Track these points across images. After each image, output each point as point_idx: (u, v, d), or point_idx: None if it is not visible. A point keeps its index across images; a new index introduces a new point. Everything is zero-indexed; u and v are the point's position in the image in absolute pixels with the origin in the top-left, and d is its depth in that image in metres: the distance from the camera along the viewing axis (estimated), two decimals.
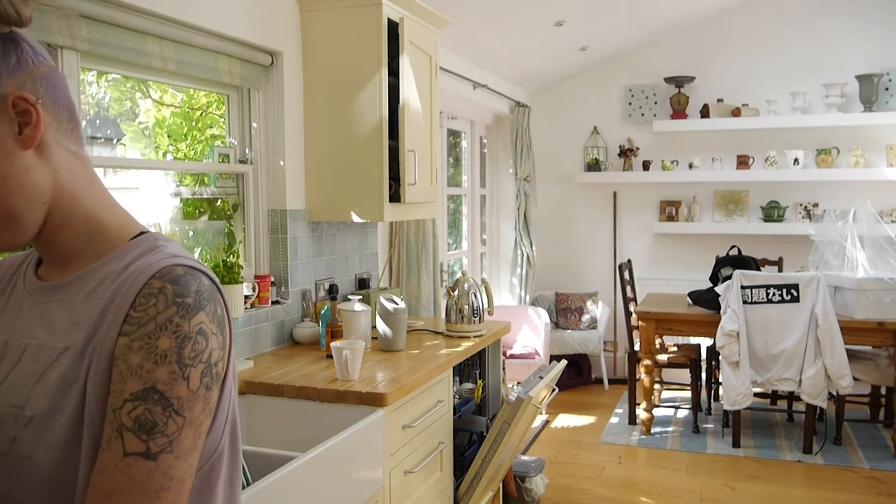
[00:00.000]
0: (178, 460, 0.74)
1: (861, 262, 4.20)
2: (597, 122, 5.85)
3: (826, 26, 5.23)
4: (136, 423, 0.73)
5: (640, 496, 3.68)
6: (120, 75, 2.40)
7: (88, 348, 0.78)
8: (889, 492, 3.68)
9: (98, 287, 0.81)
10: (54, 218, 0.83)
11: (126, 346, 0.75)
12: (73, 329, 0.80)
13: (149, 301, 0.76)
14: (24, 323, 0.85)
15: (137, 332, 0.75)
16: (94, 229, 0.85)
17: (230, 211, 2.87)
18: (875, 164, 5.18)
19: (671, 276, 5.68)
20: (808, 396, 4.05)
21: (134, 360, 0.74)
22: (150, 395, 0.73)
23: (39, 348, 0.81)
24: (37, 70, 0.79)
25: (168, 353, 0.75)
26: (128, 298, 0.77)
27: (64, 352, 0.79)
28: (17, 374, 0.81)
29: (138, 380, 0.74)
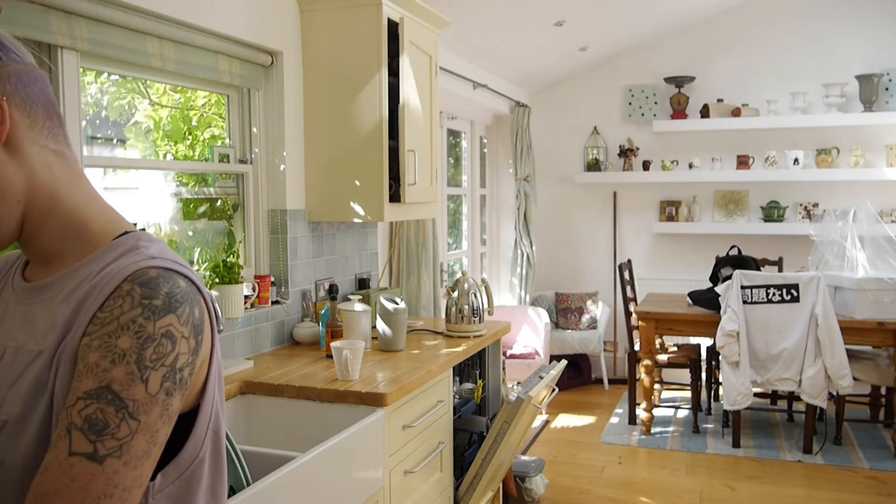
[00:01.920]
0: (125, 467, 0.70)
1: (861, 262, 4.20)
2: (597, 122, 5.85)
3: (826, 26, 5.23)
4: (87, 422, 0.69)
5: (640, 496, 3.68)
6: (120, 75, 2.40)
7: (55, 351, 0.76)
8: (889, 492, 3.68)
9: (76, 288, 0.79)
10: (32, 217, 0.81)
11: (86, 345, 0.73)
12: (50, 332, 0.78)
13: (116, 302, 0.74)
14: (8, 324, 0.83)
15: (99, 331, 0.73)
16: (75, 229, 0.83)
17: (230, 211, 2.87)
18: (875, 164, 5.18)
19: (671, 276, 5.68)
20: (808, 396, 4.05)
21: (91, 359, 0.72)
22: (103, 395, 0.70)
23: (17, 351, 0.80)
24: (5, 68, 0.78)
25: (127, 353, 0.72)
26: (98, 300, 0.75)
27: (38, 355, 0.77)
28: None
29: (93, 378, 0.71)
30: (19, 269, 0.89)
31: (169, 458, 0.78)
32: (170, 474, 0.78)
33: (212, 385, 0.83)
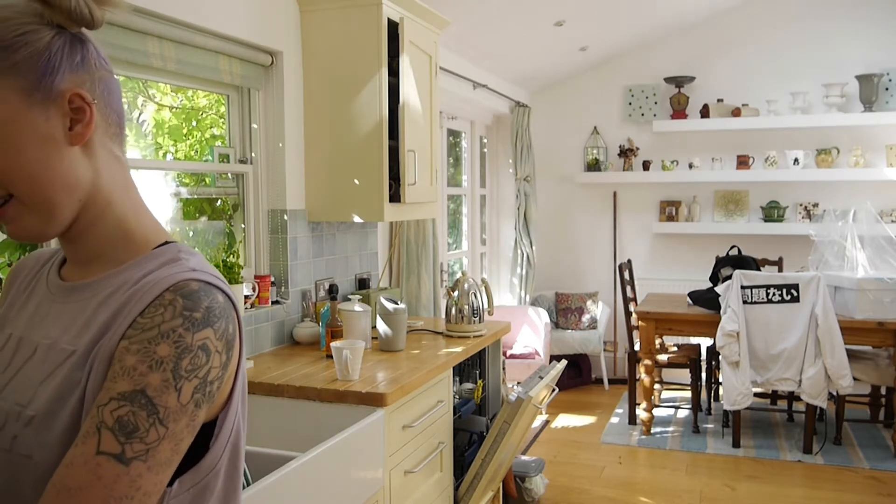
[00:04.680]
0: (149, 471, 0.71)
1: (861, 262, 4.20)
2: (597, 122, 5.85)
3: (826, 26, 5.23)
4: (118, 422, 0.71)
5: (640, 496, 3.68)
6: (120, 75, 2.40)
7: (91, 351, 0.78)
8: (889, 492, 3.68)
9: (115, 293, 0.81)
10: (86, 216, 0.83)
11: (124, 349, 0.75)
12: (84, 333, 0.80)
13: (157, 310, 0.76)
14: (41, 321, 0.85)
15: (139, 336, 0.75)
16: (121, 234, 0.85)
17: (230, 211, 2.87)
18: (875, 164, 5.18)
19: (671, 276, 5.68)
20: (808, 396, 4.05)
21: (129, 361, 0.73)
22: (137, 398, 0.72)
23: (49, 349, 0.81)
24: (97, 72, 0.83)
25: (165, 361, 0.73)
26: (139, 306, 0.77)
27: (71, 355, 0.79)
28: (25, 372, 0.81)
29: (129, 380, 0.72)
30: (55, 267, 0.90)
31: (187, 465, 0.79)
32: (186, 482, 0.79)
33: (236, 400, 0.85)
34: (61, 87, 0.78)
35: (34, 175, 0.77)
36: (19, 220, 0.79)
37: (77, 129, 0.79)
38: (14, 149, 0.75)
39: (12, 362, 0.84)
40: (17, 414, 0.78)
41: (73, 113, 0.79)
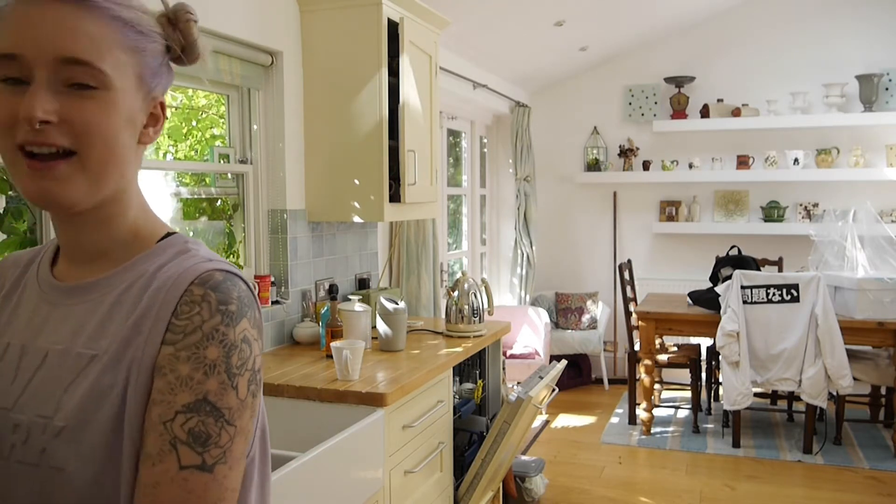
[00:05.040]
0: (231, 470, 0.74)
1: (861, 262, 4.20)
2: (597, 122, 5.85)
3: (826, 26, 5.23)
4: (191, 435, 0.72)
5: (640, 496, 3.68)
6: None
7: (126, 357, 0.76)
8: (889, 492, 3.68)
9: (128, 290, 0.80)
10: (110, 209, 0.82)
11: (172, 356, 0.74)
12: (103, 335, 0.78)
13: (192, 309, 0.75)
14: (42, 326, 0.82)
15: (183, 341, 0.74)
16: (131, 231, 0.84)
17: (230, 211, 2.87)
18: (875, 164, 5.18)
19: (671, 276, 5.68)
20: (808, 396, 4.05)
21: (183, 371, 0.73)
22: (202, 407, 0.73)
23: (64, 354, 0.79)
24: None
25: (217, 363, 0.74)
26: (168, 305, 0.76)
27: (93, 359, 0.77)
28: (40, 381, 0.78)
29: (189, 391, 0.73)
30: (45, 268, 0.87)
31: None
32: None
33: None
34: (156, 91, 0.83)
35: (109, 143, 0.77)
36: (69, 180, 0.75)
37: (150, 131, 0.83)
38: (111, 113, 0.76)
39: (20, 372, 0.81)
40: (41, 426, 0.75)
41: (153, 118, 0.83)
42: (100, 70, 0.74)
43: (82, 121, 0.74)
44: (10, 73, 0.74)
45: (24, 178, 0.75)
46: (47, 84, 0.73)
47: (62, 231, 0.84)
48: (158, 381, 0.74)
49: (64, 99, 0.73)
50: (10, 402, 0.79)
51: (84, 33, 0.74)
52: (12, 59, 0.73)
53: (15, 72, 0.73)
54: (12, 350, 0.83)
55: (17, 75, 0.73)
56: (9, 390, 0.80)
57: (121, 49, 0.77)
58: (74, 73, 0.73)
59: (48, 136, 0.73)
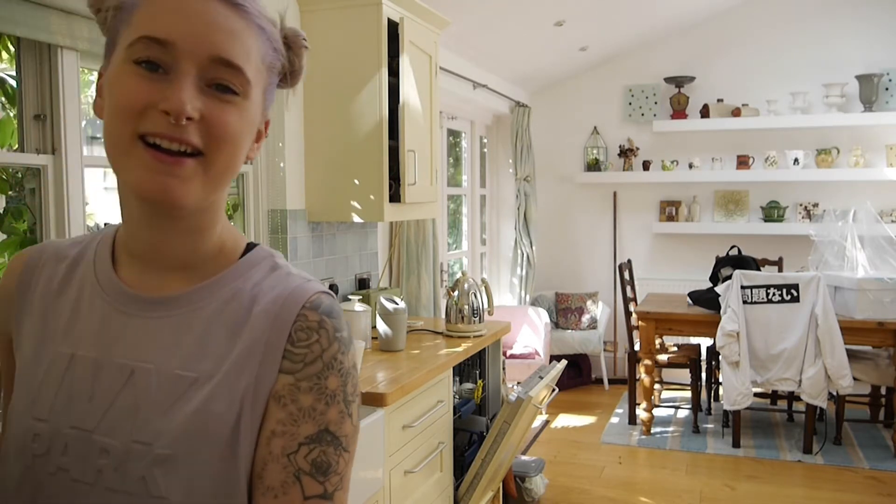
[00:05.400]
0: (345, 492, 0.75)
1: (861, 262, 4.20)
2: (597, 122, 5.85)
3: (826, 26, 5.23)
4: (313, 465, 0.72)
5: (640, 496, 3.68)
6: None
7: (239, 385, 0.72)
8: (889, 492, 3.68)
9: (225, 309, 0.76)
10: (201, 218, 0.77)
11: (293, 386, 0.73)
12: (204, 357, 0.74)
13: (310, 336, 0.74)
14: (116, 339, 0.76)
15: (303, 370, 0.73)
16: (216, 247, 0.80)
17: (230, 211, 2.87)
18: (875, 164, 5.17)
19: (671, 276, 5.68)
20: (808, 396, 4.05)
21: (305, 402, 0.72)
22: (324, 437, 0.73)
23: (155, 374, 0.73)
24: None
25: (336, 393, 0.74)
26: (281, 331, 0.74)
27: (195, 383, 0.73)
28: (129, 402, 0.73)
29: (312, 422, 0.72)
30: (106, 271, 0.80)
31: None
32: None
33: None
34: (268, 110, 0.81)
35: (235, 151, 0.74)
36: (190, 180, 0.71)
37: (255, 147, 0.80)
38: (244, 122, 0.74)
39: (98, 390, 0.74)
40: (139, 452, 0.71)
41: (258, 135, 0.80)
42: (246, 78, 0.72)
43: (220, 125, 0.71)
44: (154, 57, 0.69)
45: (140, 169, 0.69)
46: (193, 78, 0.69)
47: (148, 234, 0.77)
48: (278, 412, 0.72)
49: (206, 99, 0.70)
50: (92, 422, 0.73)
51: (238, 38, 0.72)
52: (162, 44, 0.69)
53: (159, 57, 0.69)
54: (81, 363, 0.76)
55: (159, 61, 0.69)
56: (87, 409, 0.74)
57: (260, 60, 0.75)
58: (222, 75, 0.71)
59: (185, 133, 0.69)
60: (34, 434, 0.74)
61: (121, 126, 0.69)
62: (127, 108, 0.69)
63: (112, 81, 0.71)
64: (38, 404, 0.75)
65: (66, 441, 0.73)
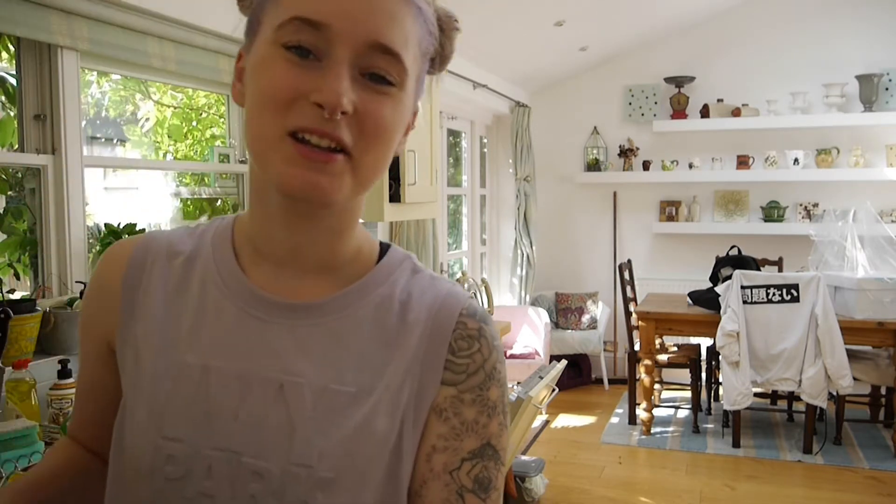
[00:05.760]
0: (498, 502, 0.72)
1: (861, 262, 4.19)
2: (597, 122, 5.85)
3: (826, 26, 5.23)
4: (476, 482, 0.68)
5: (640, 496, 3.68)
6: (120, 75, 2.40)
7: (402, 399, 0.67)
8: (889, 492, 3.68)
9: (376, 317, 0.70)
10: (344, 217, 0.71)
11: (455, 399, 0.68)
12: (361, 369, 0.67)
13: (472, 346, 0.70)
14: (255, 349, 0.68)
15: (466, 382, 0.69)
16: (354, 249, 0.73)
17: (230, 211, 2.87)
18: (875, 164, 5.17)
19: (671, 276, 5.68)
20: (808, 396, 4.05)
21: (468, 415, 0.68)
22: (486, 452, 0.69)
23: (308, 389, 0.66)
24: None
25: (497, 404, 0.70)
26: (440, 340, 0.69)
27: (354, 398, 0.66)
28: (282, 421, 0.65)
29: (475, 437, 0.68)
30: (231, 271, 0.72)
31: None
32: None
33: None
34: (419, 99, 0.74)
35: (387, 148, 0.67)
36: (340, 178, 0.64)
37: (404, 139, 0.74)
38: (398, 115, 0.67)
39: (242, 407, 0.66)
40: (299, 476, 0.64)
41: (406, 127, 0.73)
42: (404, 66, 0.65)
43: (375, 120, 0.64)
44: (306, 42, 0.62)
45: (287, 165, 0.62)
46: (348, 66, 0.62)
47: (287, 234, 0.70)
48: (439, 426, 0.68)
49: (360, 90, 0.63)
50: (240, 443, 0.65)
51: (398, 21, 0.64)
52: (316, 27, 0.61)
53: (312, 41, 0.62)
54: (218, 376, 0.67)
55: (312, 46, 0.62)
56: (232, 429, 0.65)
57: (417, 46, 0.67)
58: (379, 63, 0.63)
59: (337, 129, 0.62)
60: (167, 455, 0.65)
61: (267, 118, 0.63)
62: (275, 98, 0.62)
63: (257, 66, 0.65)
64: (168, 422, 0.66)
65: (209, 463, 0.64)
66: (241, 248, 0.73)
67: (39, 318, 1.87)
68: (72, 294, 2.08)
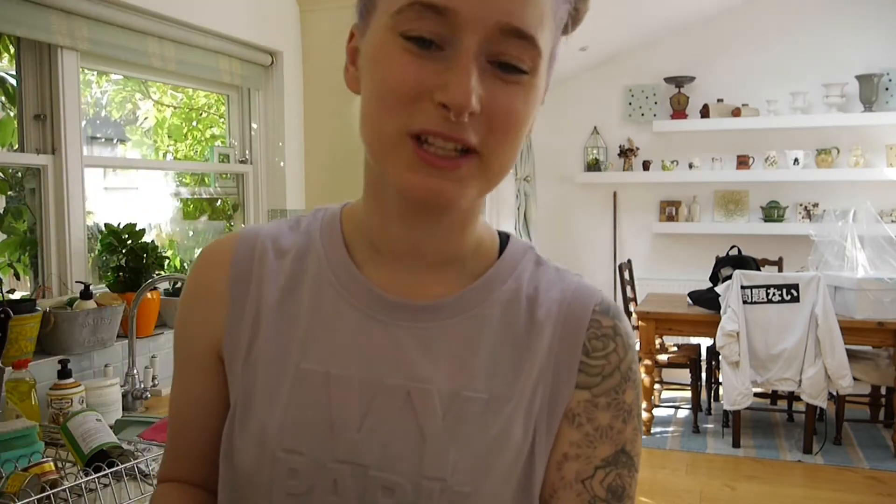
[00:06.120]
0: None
1: (861, 262, 4.19)
2: (597, 122, 5.85)
3: (826, 26, 5.23)
4: (609, 491, 0.64)
5: (640, 496, 3.68)
6: (120, 75, 2.41)
7: (534, 404, 0.63)
8: (889, 492, 3.68)
9: (504, 315, 0.65)
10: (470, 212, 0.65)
11: (589, 403, 0.64)
12: (490, 373, 0.62)
13: (607, 346, 0.65)
14: (377, 353, 0.63)
15: (601, 384, 0.64)
16: (476, 241, 0.68)
17: (230, 211, 2.87)
18: (875, 164, 5.17)
19: (671, 276, 5.68)
20: (808, 396, 4.05)
21: (602, 420, 0.64)
22: (620, 459, 0.65)
23: (437, 396, 0.61)
24: None
25: (632, 408, 0.66)
26: (574, 341, 0.64)
27: (487, 405, 0.62)
28: (411, 430, 0.61)
29: (610, 443, 0.64)
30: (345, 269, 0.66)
31: None
32: None
33: None
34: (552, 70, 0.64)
35: (517, 141, 0.59)
36: (466, 182, 0.58)
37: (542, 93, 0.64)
38: (530, 105, 0.59)
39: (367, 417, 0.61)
40: (433, 490, 0.59)
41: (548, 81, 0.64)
42: (538, 50, 0.56)
43: (506, 115, 0.57)
44: (427, 31, 0.55)
45: (408, 169, 0.58)
46: (476, 56, 0.54)
47: (406, 232, 0.65)
48: (572, 432, 0.64)
49: (489, 81, 0.56)
50: (367, 456, 0.60)
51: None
52: (440, 12, 0.54)
53: (435, 29, 0.54)
54: (340, 385, 0.62)
55: (434, 35, 0.54)
56: (357, 440, 0.61)
57: (552, 20, 0.58)
58: (511, 50, 0.55)
59: (463, 132, 0.56)
60: (288, 469, 0.60)
61: (386, 117, 0.58)
62: (395, 94, 0.56)
63: (374, 55, 0.58)
64: (288, 433, 0.61)
65: (333, 478, 0.60)
66: (354, 243, 0.68)
67: (39, 318, 1.87)
68: (72, 294, 2.08)
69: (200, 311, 0.69)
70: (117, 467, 1.40)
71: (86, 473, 1.39)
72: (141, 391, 2.08)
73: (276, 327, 0.65)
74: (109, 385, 1.89)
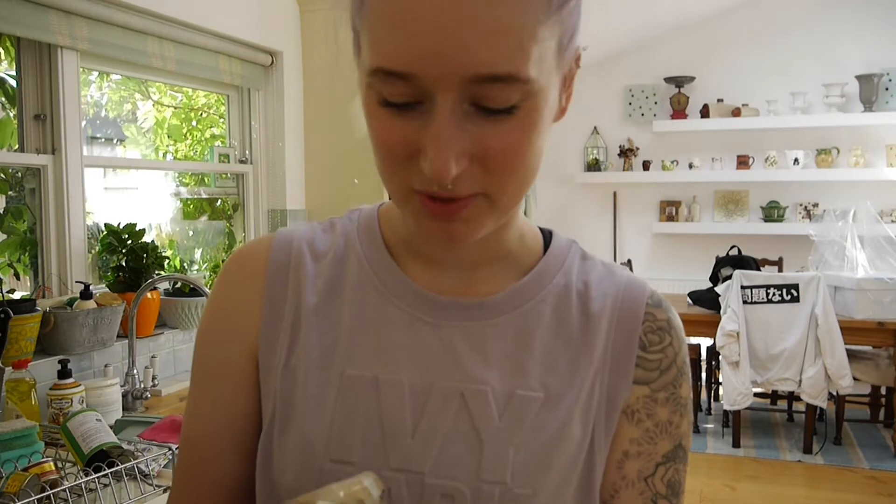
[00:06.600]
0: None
1: (861, 262, 4.19)
2: (597, 122, 5.85)
3: (826, 26, 5.23)
4: (669, 487, 0.63)
5: None
6: (120, 75, 2.41)
7: (592, 402, 0.61)
8: (889, 492, 3.68)
9: (555, 310, 0.63)
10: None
11: (648, 399, 0.63)
12: (545, 371, 0.61)
13: (663, 339, 0.64)
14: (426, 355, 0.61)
15: (659, 379, 0.63)
16: (518, 236, 0.66)
17: (230, 211, 2.87)
18: (875, 164, 5.17)
19: (671, 276, 5.68)
20: (808, 396, 4.05)
21: (662, 416, 0.63)
22: (678, 454, 0.64)
23: (492, 397, 0.59)
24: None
25: (687, 402, 0.65)
26: (629, 336, 0.63)
27: (543, 403, 0.60)
28: (467, 433, 0.59)
29: (669, 438, 0.64)
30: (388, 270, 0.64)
31: None
32: None
33: None
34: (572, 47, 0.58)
35: (528, 169, 0.56)
36: (477, 220, 0.56)
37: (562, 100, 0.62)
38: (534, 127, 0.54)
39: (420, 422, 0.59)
40: (492, 494, 0.57)
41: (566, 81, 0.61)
42: (524, 80, 0.51)
43: (501, 156, 0.53)
44: (397, 97, 0.52)
45: (419, 218, 0.56)
46: (452, 112, 0.51)
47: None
48: (631, 429, 0.63)
49: (473, 126, 0.52)
50: (422, 462, 0.58)
51: (499, 28, 0.49)
52: (402, 78, 0.51)
53: (405, 92, 0.52)
54: (390, 390, 0.60)
55: (407, 97, 0.52)
56: (411, 447, 0.59)
57: (541, 23, 0.51)
58: (489, 94, 0.51)
59: (458, 190, 0.53)
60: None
61: (388, 174, 0.56)
62: (389, 154, 0.55)
63: (364, 107, 0.58)
64: (337, 443, 0.59)
65: (388, 487, 0.57)
66: (394, 243, 0.65)
67: (39, 318, 1.87)
68: (72, 294, 2.08)
69: (234, 319, 0.65)
70: (117, 467, 1.40)
71: (86, 473, 1.39)
72: (141, 391, 2.08)
73: (318, 333, 0.62)
74: (109, 385, 1.89)
